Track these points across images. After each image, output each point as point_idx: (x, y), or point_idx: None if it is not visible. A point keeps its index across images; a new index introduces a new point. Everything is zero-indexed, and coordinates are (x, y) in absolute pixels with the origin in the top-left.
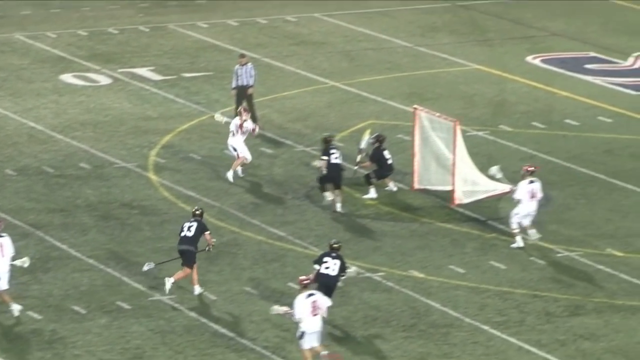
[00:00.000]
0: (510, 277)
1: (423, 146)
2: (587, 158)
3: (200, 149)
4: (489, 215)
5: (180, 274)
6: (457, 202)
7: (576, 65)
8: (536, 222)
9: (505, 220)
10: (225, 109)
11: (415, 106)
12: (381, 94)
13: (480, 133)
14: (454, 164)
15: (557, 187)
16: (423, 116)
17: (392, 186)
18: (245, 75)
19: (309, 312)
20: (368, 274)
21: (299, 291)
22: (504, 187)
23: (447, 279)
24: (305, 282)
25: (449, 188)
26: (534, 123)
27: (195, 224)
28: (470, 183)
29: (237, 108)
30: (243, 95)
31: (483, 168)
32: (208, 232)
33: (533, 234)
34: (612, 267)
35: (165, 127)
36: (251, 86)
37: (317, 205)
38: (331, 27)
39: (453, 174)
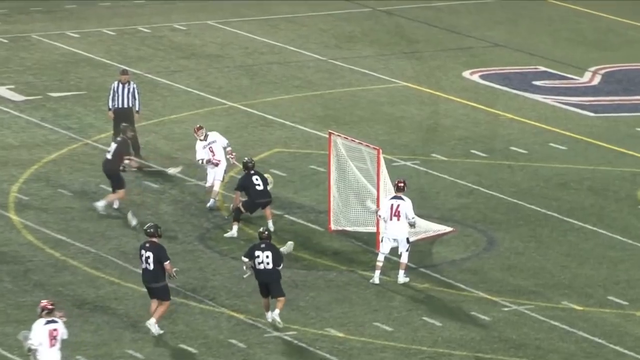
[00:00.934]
0: (447, 336)
1: (340, 179)
2: (537, 193)
3: (71, 183)
4: (420, 261)
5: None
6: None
7: (522, 81)
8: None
9: (441, 268)
10: (102, 135)
11: (330, 131)
12: (289, 117)
13: (409, 163)
14: (377, 200)
15: (502, 228)
16: (340, 143)
17: (270, 224)
18: (127, 95)
19: (47, 342)
20: (276, 334)
21: (40, 315)
22: (444, 228)
23: (371, 338)
24: (48, 307)
25: (371, 229)
26: (474, 151)
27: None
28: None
29: (115, 133)
30: (122, 118)
31: (415, 205)
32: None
33: (400, 276)
34: (569, 323)
35: (29, 158)
36: (137, 111)
37: (213, 250)
38: (228, 37)
39: (377, 212)
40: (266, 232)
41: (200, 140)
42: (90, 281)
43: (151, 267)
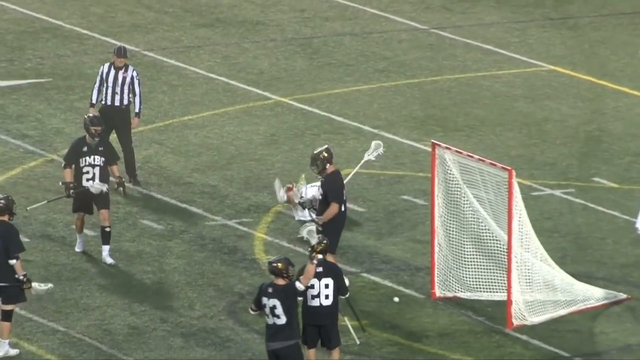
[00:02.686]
0: None
1: (450, 217)
2: None
3: (28, 222)
4: (578, 347)
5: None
6: (516, 322)
7: None
8: None
9: (610, 357)
10: None
11: (434, 141)
12: (370, 119)
13: (557, 192)
14: (509, 250)
15: None
16: (449, 160)
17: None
18: (122, 88)
19: None
20: None
21: None
22: (612, 295)
23: None
24: None
25: (499, 297)
26: None
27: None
28: (542, 287)
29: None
30: (113, 121)
31: (567, 259)
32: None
33: None
34: None
35: None
36: (137, 113)
37: (250, 329)
38: None
39: (509, 270)
40: (324, 243)
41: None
42: None
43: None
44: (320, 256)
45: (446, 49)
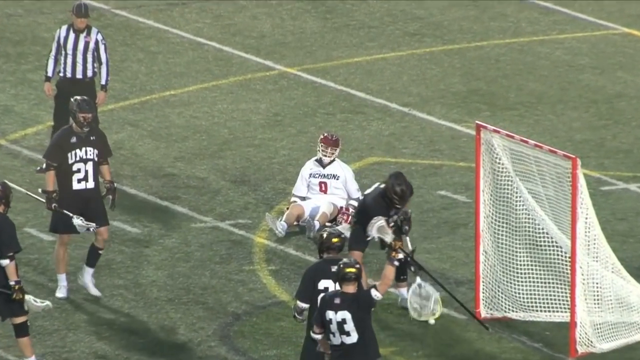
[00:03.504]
0: None
1: (498, 217)
2: None
3: None
4: None
5: None
6: (581, 349)
7: None
8: None
9: None
10: (27, 130)
11: (479, 122)
12: (398, 95)
13: (632, 186)
14: (573, 260)
15: None
16: (498, 146)
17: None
18: (85, 55)
19: None
20: None
21: None
22: None
23: None
24: None
25: (560, 318)
26: None
27: None
28: (615, 306)
29: (56, 125)
30: (71, 96)
31: None
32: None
33: None
34: None
35: None
36: (103, 85)
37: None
38: None
39: (573, 285)
40: (341, 237)
41: (316, 161)
42: None
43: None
44: (400, 255)
45: (494, 7)
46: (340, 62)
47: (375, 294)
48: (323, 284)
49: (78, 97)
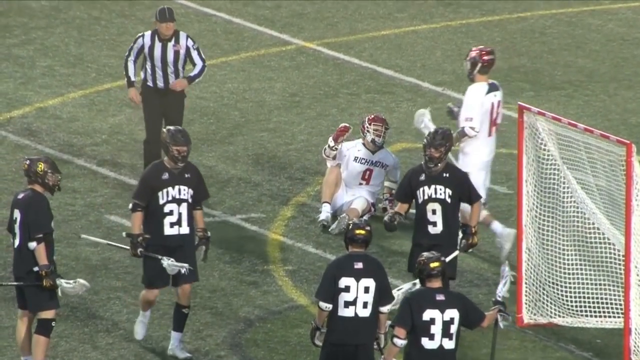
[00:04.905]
0: None
1: (543, 210)
2: None
3: None
4: None
5: None
6: (636, 359)
7: None
8: None
9: None
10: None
11: (520, 103)
12: (429, 72)
13: None
14: (627, 259)
15: None
16: (543, 130)
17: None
18: (174, 65)
19: None
20: None
21: None
22: None
23: None
24: None
25: (613, 324)
26: None
27: None
28: None
29: (151, 137)
30: (164, 111)
31: None
32: None
33: None
34: None
35: None
36: (190, 77)
37: None
38: None
39: (627, 287)
40: (366, 229)
41: (363, 144)
42: None
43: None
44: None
45: None
46: (366, 36)
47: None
48: (344, 282)
49: (172, 128)
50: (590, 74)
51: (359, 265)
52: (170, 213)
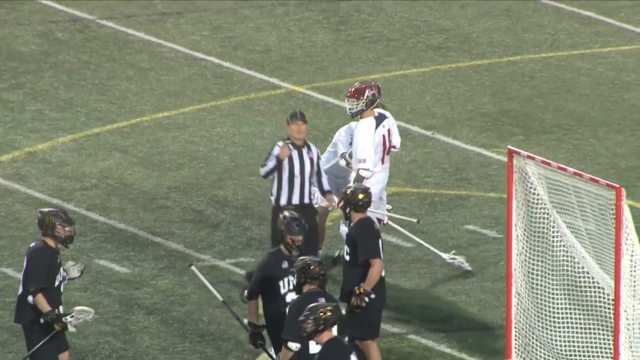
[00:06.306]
0: None
1: (532, 253)
2: None
3: None
4: None
5: None
6: None
7: None
8: None
9: None
10: None
11: (510, 147)
12: (420, 117)
13: None
14: (617, 303)
15: None
16: (533, 174)
17: None
18: (312, 174)
19: None
20: None
21: None
22: None
23: None
24: None
25: None
26: None
27: None
28: None
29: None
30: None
31: None
32: None
33: None
34: None
35: None
36: (330, 191)
37: None
38: None
39: (616, 331)
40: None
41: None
42: None
43: None
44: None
45: (528, 17)
46: (355, 80)
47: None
48: None
49: (287, 215)
50: (579, 118)
51: (322, 300)
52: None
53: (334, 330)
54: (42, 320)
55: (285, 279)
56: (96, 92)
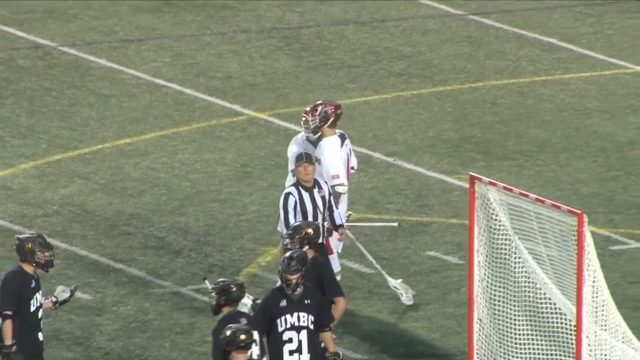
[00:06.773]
0: None
1: (493, 279)
2: None
3: None
4: None
5: None
6: None
7: None
8: None
9: None
10: None
11: (472, 174)
12: (382, 143)
13: None
14: (579, 329)
15: None
16: (494, 200)
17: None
18: (324, 211)
19: None
20: None
21: None
22: None
23: None
24: None
25: None
26: None
27: None
28: None
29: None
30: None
31: None
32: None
33: None
34: None
35: None
36: (341, 225)
37: None
38: None
39: (578, 356)
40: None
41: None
42: None
43: None
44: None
45: (490, 44)
46: None
47: None
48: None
49: (286, 255)
50: (541, 144)
51: (242, 320)
52: (290, 341)
53: (252, 353)
54: None
55: (282, 318)
56: (58, 118)
